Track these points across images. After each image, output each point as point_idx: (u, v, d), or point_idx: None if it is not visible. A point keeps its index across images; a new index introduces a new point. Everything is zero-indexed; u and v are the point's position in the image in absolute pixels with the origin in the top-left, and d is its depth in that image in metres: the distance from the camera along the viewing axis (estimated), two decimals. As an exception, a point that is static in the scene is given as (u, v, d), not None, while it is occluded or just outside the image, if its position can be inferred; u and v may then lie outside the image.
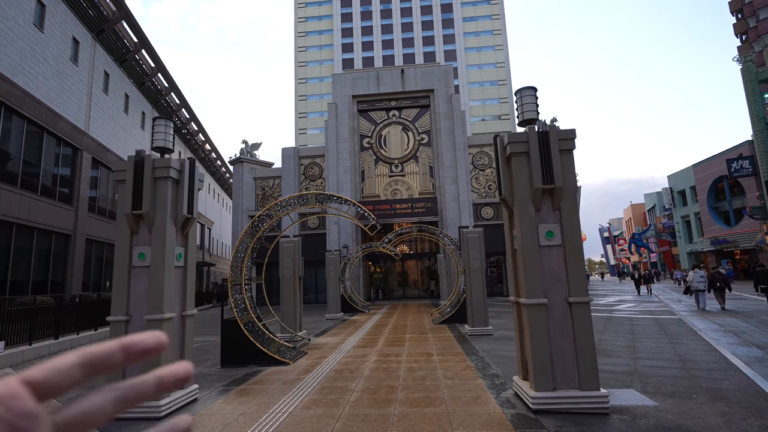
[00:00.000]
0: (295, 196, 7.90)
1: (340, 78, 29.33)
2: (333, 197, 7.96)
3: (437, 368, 6.57)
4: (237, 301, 7.64)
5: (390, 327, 12.45)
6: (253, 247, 8.05)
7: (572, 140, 4.65)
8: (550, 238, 4.58)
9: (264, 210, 7.93)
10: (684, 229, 50.23)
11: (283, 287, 10.71)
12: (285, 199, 7.94)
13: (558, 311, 4.46)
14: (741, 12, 46.32)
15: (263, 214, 7.94)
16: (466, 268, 10.46)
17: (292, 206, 7.94)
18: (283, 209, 7.99)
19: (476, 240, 10.43)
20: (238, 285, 7.68)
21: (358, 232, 26.88)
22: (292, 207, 7.97)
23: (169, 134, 5.45)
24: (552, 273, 4.53)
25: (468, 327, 10.37)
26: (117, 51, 25.27)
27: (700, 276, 15.59)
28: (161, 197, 5.03)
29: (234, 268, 7.71)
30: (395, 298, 29.38)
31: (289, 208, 8.01)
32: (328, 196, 7.99)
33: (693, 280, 15.67)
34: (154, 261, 4.88)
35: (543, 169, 4.56)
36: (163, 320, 4.76)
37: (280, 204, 7.96)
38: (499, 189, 4.99)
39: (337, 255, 16.83)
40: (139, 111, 28.86)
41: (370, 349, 8.66)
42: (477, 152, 27.94)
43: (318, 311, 19.37)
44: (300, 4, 63.62)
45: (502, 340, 9.19)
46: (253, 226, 7.96)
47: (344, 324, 13.91)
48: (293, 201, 7.91)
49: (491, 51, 61.74)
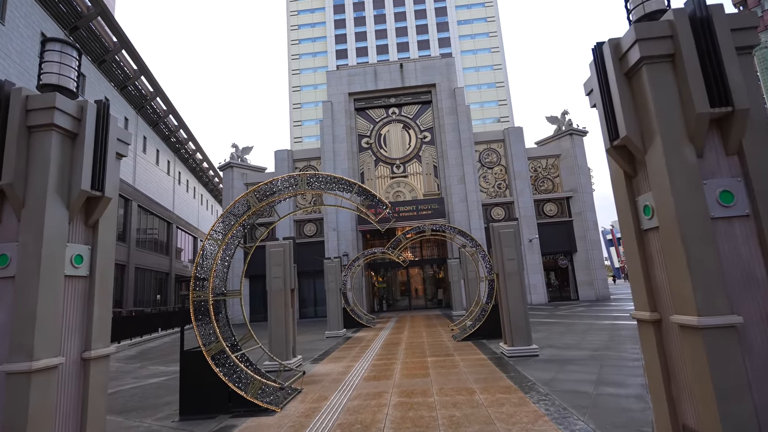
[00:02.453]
0: (281, 178, 5.85)
1: (335, 75, 27.51)
2: (333, 180, 5.89)
3: (491, 417, 4.46)
4: (202, 326, 5.52)
5: (404, 346, 10.31)
6: (225, 250, 5.97)
7: (753, 30, 2.64)
8: (728, 203, 2.54)
9: (239, 199, 5.85)
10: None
11: (272, 302, 8.59)
12: (265, 185, 5.88)
13: (759, 338, 2.40)
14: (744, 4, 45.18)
15: (239, 203, 5.86)
16: (499, 271, 8.37)
17: (277, 193, 5.88)
18: (264, 198, 5.92)
19: (511, 236, 8.37)
20: (204, 302, 5.58)
21: (358, 238, 24.77)
22: (277, 194, 5.91)
23: (70, 65, 3.42)
24: (739, 267, 2.48)
25: (505, 346, 8.25)
26: (94, 51, 23.37)
27: None
28: (39, 160, 2.97)
29: (197, 280, 5.60)
30: (400, 309, 27.16)
31: (273, 196, 5.95)
32: (326, 179, 5.92)
33: None
34: (22, 267, 2.80)
35: (710, 80, 2.54)
36: (32, 372, 2.66)
37: (259, 191, 5.89)
38: (609, 129, 2.95)
39: (336, 263, 14.72)
40: (122, 116, 26.88)
41: (385, 382, 6.52)
42: (484, 149, 26.03)
43: (317, 327, 17.17)
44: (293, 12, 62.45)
45: (557, 364, 7.07)
46: (224, 223, 5.88)
47: (348, 343, 11.75)
48: (278, 186, 5.85)
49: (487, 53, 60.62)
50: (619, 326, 11.61)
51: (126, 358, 12.58)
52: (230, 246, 6.17)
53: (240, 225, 6.14)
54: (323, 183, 5.89)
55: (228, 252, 6.18)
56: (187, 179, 40.20)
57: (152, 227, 30.89)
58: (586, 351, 8.12)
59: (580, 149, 24.98)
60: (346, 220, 24.57)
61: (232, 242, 6.21)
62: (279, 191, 5.86)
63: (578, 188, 24.39)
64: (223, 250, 5.87)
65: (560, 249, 24.34)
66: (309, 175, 5.87)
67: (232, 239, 6.19)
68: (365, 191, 5.88)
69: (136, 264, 26.62)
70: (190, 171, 41.41)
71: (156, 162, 32.01)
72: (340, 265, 15.05)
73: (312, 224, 25.61)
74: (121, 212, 25.91)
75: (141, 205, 28.10)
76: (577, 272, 23.95)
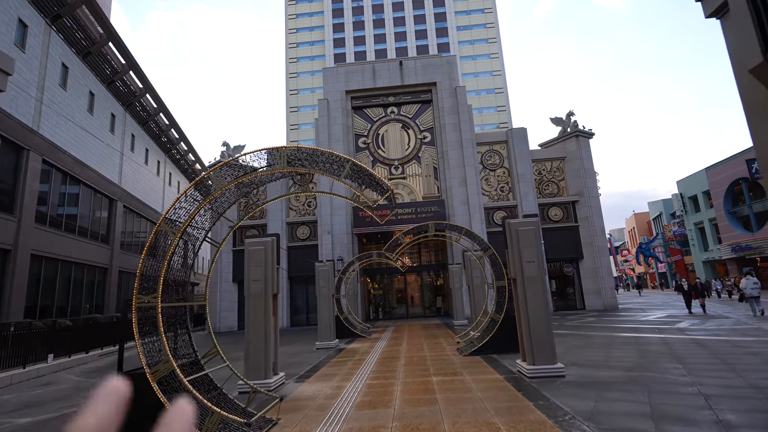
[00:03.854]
0: (252, 154, 4.63)
1: (332, 72, 26.44)
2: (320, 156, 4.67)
3: (530, 473, 3.21)
4: (149, 340, 4.26)
5: (404, 362, 9.03)
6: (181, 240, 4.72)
7: None
8: None
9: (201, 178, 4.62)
10: (698, 236, 47.48)
11: (250, 309, 7.31)
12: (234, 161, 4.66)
13: None
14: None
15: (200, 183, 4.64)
16: (517, 275, 7.15)
17: (247, 172, 4.66)
18: (232, 177, 4.69)
19: (531, 235, 7.17)
20: (150, 310, 4.32)
21: (354, 241, 23.50)
22: (247, 174, 4.69)
23: None
24: None
25: (523, 364, 7.00)
26: (78, 42, 22.17)
27: (753, 283, 15.60)
28: None
29: (143, 281, 4.34)
30: (397, 317, 25.81)
31: (244, 176, 4.72)
32: (311, 155, 4.70)
33: (746, 287, 15.71)
34: None
35: None
36: None
37: (229, 167, 4.67)
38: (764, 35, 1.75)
39: (329, 266, 13.44)
40: (108, 112, 25.60)
41: (383, 411, 5.25)
42: (486, 151, 24.94)
43: (308, 337, 15.81)
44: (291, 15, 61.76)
45: (592, 389, 5.82)
46: (182, 207, 4.65)
47: (340, 357, 10.45)
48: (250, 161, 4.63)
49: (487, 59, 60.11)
50: (644, 340, 10.39)
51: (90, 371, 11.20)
52: (193, 237, 4.93)
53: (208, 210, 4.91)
54: (308, 160, 4.66)
55: (191, 245, 4.94)
56: (179, 180, 38.81)
57: (140, 230, 29.50)
58: (619, 371, 6.89)
59: (586, 151, 23.96)
60: (342, 223, 23.33)
61: (197, 233, 4.97)
62: (252, 169, 4.64)
63: (584, 192, 23.32)
64: (182, 240, 4.63)
65: (566, 255, 23.17)
66: (291, 151, 4.64)
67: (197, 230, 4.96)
68: (360, 171, 4.66)
69: (120, 267, 25.20)
70: (181, 172, 40.02)
71: (145, 162, 30.70)
72: (333, 269, 13.78)
73: (305, 227, 24.33)
74: (105, 214, 24.56)
75: (127, 206, 26.76)
76: (583, 280, 22.76)
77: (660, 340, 10.18)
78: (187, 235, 4.63)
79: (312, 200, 24.67)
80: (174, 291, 5.25)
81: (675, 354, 8.19)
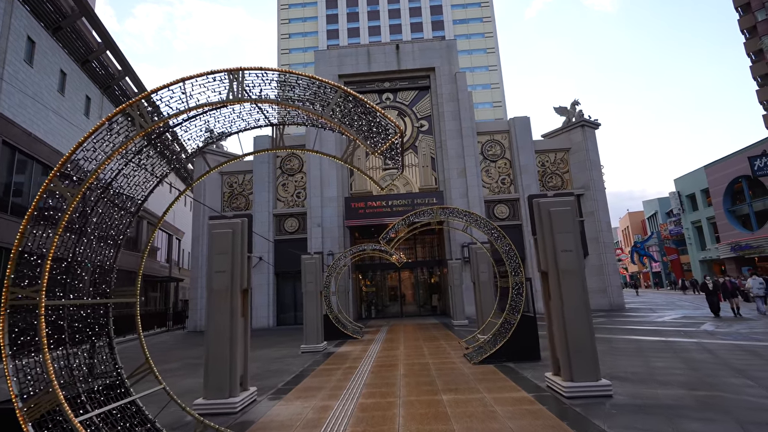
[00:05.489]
0: (195, 78, 3.11)
1: (325, 55, 24.82)
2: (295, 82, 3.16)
3: None
4: (24, 359, 2.73)
5: (403, 371, 7.56)
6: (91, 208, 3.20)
7: None
8: None
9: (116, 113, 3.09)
10: (695, 235, 46.71)
11: (211, 309, 5.77)
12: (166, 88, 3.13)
13: None
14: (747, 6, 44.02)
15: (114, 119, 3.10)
16: (549, 267, 5.72)
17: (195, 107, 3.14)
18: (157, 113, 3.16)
19: (567, 217, 5.74)
20: (33, 307, 2.78)
21: (346, 235, 21.96)
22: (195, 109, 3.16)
23: None
24: None
25: (559, 380, 5.55)
26: (48, 15, 20.27)
27: (759, 283, 15.92)
28: None
29: (22, 265, 2.81)
30: (391, 315, 24.35)
31: (181, 113, 3.19)
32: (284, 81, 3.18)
33: (753, 287, 16.12)
34: None
35: None
36: None
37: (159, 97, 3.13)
38: None
39: (317, 259, 11.91)
40: (83, 94, 23.68)
41: (382, 450, 3.78)
42: (487, 141, 23.55)
43: (294, 337, 14.26)
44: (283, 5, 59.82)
45: (656, 415, 4.39)
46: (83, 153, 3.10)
47: (328, 363, 8.95)
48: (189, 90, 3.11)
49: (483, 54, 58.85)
50: (678, 346, 9.05)
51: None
52: (106, 204, 3.39)
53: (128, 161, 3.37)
54: (280, 87, 3.15)
55: (105, 217, 3.40)
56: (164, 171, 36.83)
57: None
58: (678, 388, 5.50)
59: (592, 142, 22.69)
60: (333, 215, 21.77)
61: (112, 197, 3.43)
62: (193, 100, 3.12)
63: (590, 185, 22.06)
64: (85, 207, 3.09)
65: (570, 252, 21.89)
66: (252, 73, 3.13)
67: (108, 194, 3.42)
68: (356, 104, 3.15)
69: None
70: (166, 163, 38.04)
71: (122, 148, 28.75)
72: (321, 262, 12.26)
73: (293, 219, 22.73)
74: (77, 202, 22.65)
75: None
76: (589, 278, 21.49)
77: (697, 345, 8.85)
78: (87, 198, 3.09)
79: (301, 191, 23.07)
80: (91, 283, 3.71)
81: (728, 364, 6.85)
